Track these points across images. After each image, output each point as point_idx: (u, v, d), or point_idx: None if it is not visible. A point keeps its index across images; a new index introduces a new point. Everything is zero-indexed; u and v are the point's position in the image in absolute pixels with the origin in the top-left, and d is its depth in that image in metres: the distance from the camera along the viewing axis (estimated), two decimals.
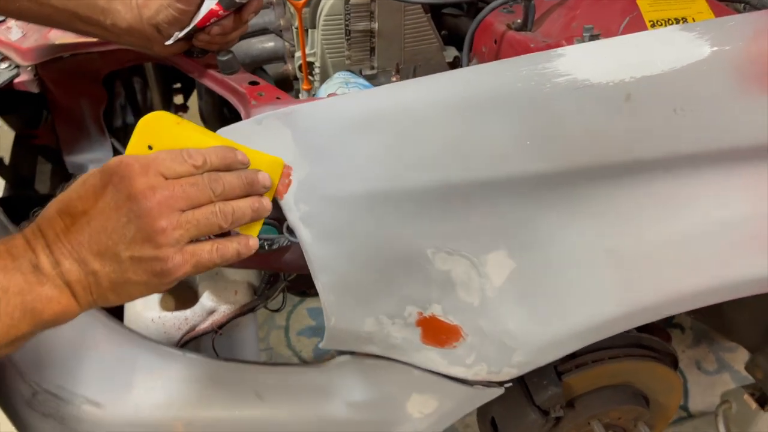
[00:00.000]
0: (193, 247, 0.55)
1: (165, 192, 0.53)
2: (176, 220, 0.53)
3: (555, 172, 0.63)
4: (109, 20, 0.75)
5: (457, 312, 0.66)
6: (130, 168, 0.53)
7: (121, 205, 0.52)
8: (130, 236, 0.52)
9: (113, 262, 0.52)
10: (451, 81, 0.65)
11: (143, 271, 0.53)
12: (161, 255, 0.52)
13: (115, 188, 0.52)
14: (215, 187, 0.56)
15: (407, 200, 0.63)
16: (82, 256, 0.52)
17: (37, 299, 0.51)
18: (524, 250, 0.65)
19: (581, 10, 0.84)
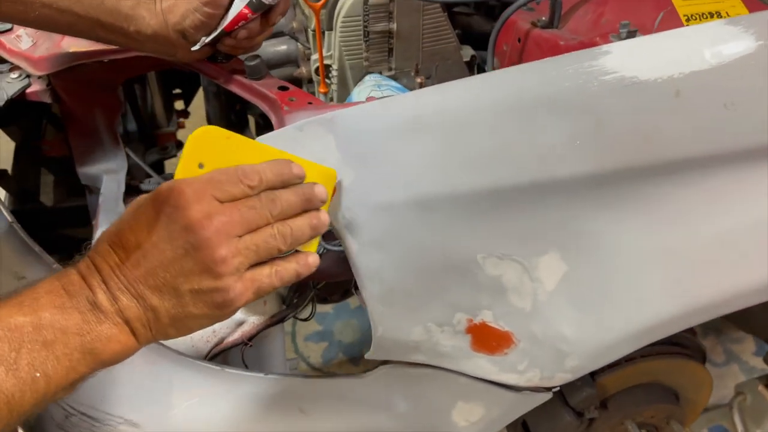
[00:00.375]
0: (252, 273, 0.52)
1: (222, 218, 0.50)
2: (235, 247, 0.50)
3: (606, 171, 0.62)
4: (133, 27, 0.73)
5: (509, 318, 0.65)
6: (183, 196, 0.50)
7: (176, 236, 0.49)
8: (188, 269, 0.49)
9: (172, 296, 0.50)
10: (496, 82, 0.63)
11: (204, 303, 0.51)
12: (222, 286, 0.50)
13: (169, 219, 0.50)
14: (273, 208, 0.53)
15: (456, 205, 0.62)
16: (140, 292, 0.50)
17: (97, 339, 0.49)
18: (576, 252, 0.63)
19: (610, 5, 0.83)
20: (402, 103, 0.64)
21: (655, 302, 0.64)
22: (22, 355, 0.46)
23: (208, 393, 0.71)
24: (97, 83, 0.94)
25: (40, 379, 0.46)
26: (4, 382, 0.45)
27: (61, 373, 0.48)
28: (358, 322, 1.97)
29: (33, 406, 0.47)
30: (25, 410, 0.47)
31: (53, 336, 0.47)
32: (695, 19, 0.75)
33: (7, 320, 0.47)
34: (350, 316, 1.98)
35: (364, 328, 1.94)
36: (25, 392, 0.46)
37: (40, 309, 0.48)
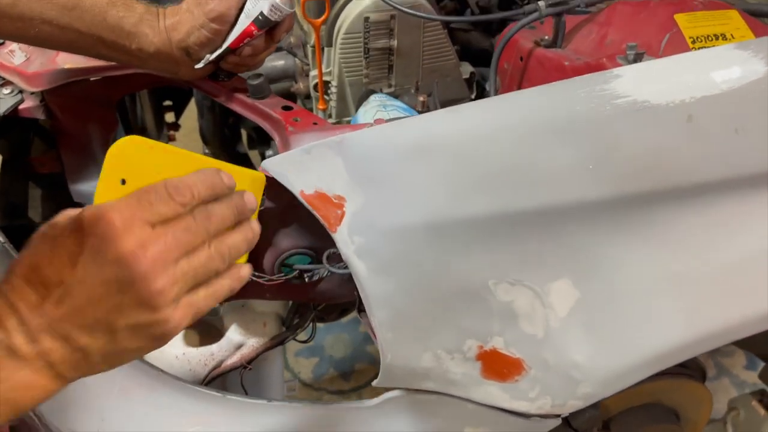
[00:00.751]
0: (189, 298, 0.48)
1: (157, 247, 0.45)
2: (172, 275, 0.46)
3: (618, 196, 0.61)
4: (135, 44, 0.71)
5: (520, 344, 0.64)
6: (111, 226, 0.44)
7: (107, 271, 0.44)
8: (123, 304, 0.45)
9: (105, 333, 0.45)
10: (508, 105, 0.62)
11: (141, 337, 0.46)
12: (161, 318, 0.46)
13: (97, 252, 0.44)
14: (208, 226, 0.49)
15: (468, 230, 0.61)
16: (66, 332, 0.45)
17: (14, 388, 0.44)
18: (588, 278, 0.62)
19: (614, 26, 0.83)
20: (412, 126, 0.63)
21: (668, 329, 0.63)
22: None
23: (209, 421, 0.69)
24: (93, 99, 0.92)
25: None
26: None
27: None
28: (348, 336, 1.95)
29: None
30: None
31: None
32: (701, 41, 0.76)
33: None
34: (341, 330, 1.96)
35: (355, 343, 1.92)
36: None
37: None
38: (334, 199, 0.62)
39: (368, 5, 0.94)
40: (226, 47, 0.71)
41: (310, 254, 0.78)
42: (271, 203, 0.73)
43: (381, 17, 0.95)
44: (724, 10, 0.79)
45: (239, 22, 0.70)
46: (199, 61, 0.72)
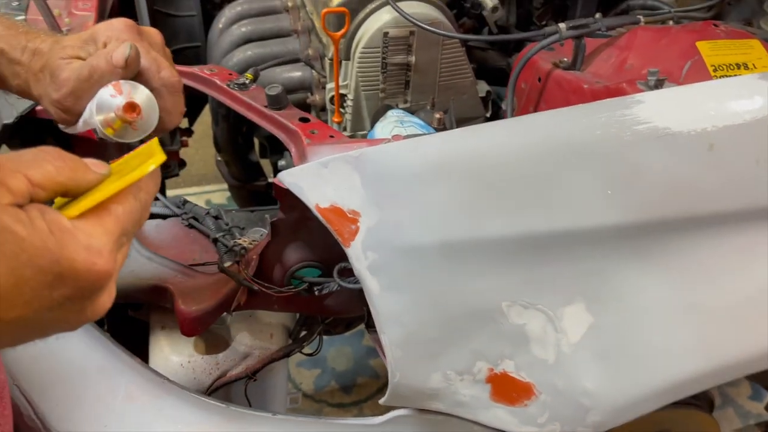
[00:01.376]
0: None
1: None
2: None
3: (635, 223, 0.61)
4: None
5: (531, 368, 0.63)
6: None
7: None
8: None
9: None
10: (527, 127, 0.62)
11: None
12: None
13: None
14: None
15: (483, 251, 0.60)
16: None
17: None
18: (603, 304, 0.62)
19: (635, 51, 0.82)
20: (431, 144, 0.62)
21: (682, 359, 0.62)
22: None
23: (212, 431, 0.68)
24: None
25: None
26: None
27: None
28: (351, 349, 1.94)
29: None
30: None
31: None
32: (722, 69, 0.75)
33: None
34: (343, 343, 1.95)
35: (357, 357, 1.91)
36: None
37: None
38: (349, 213, 0.62)
39: (388, 21, 0.94)
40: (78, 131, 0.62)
41: (320, 267, 0.78)
42: (283, 215, 0.73)
43: (400, 33, 0.95)
44: (747, 39, 0.79)
45: (81, 120, 0.59)
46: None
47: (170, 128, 0.59)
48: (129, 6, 1.23)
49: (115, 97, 0.52)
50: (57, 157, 0.41)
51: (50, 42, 0.58)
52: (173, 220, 0.94)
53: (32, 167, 0.40)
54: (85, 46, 0.56)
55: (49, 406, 0.69)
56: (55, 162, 0.41)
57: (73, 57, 0.56)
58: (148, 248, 0.86)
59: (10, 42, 0.59)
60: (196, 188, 2.38)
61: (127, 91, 0.52)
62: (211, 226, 0.91)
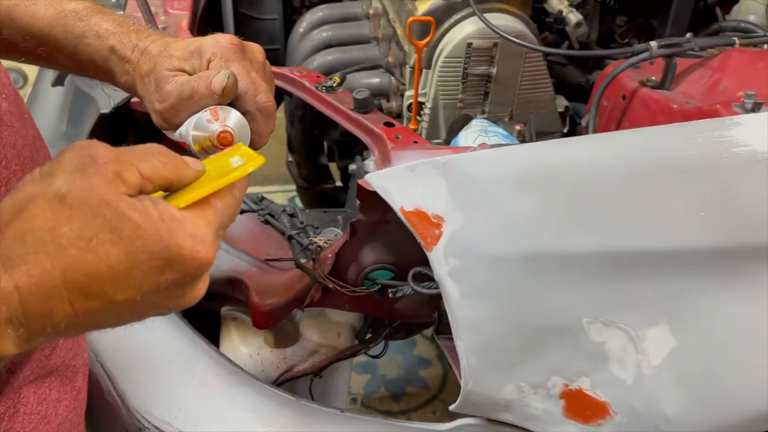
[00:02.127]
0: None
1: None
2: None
3: (729, 248, 0.59)
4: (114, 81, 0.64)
5: (607, 388, 0.62)
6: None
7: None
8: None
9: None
10: (620, 143, 0.61)
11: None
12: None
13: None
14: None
15: (567, 265, 0.60)
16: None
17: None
18: (688, 328, 0.60)
19: (729, 72, 0.80)
20: (520, 154, 0.63)
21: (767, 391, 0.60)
22: None
23: (283, 423, 0.69)
24: None
25: None
26: None
27: None
28: (402, 357, 1.94)
29: None
30: None
31: None
32: None
33: None
34: (395, 351, 1.95)
35: (408, 366, 1.91)
36: None
37: None
38: (433, 218, 0.62)
39: (473, 31, 0.95)
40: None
41: (394, 270, 0.78)
42: (363, 216, 0.74)
43: (484, 44, 0.95)
44: None
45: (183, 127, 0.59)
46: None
47: (258, 148, 0.61)
48: (216, 7, 1.28)
49: (212, 123, 0.55)
50: (163, 153, 0.44)
51: (159, 45, 0.61)
52: (250, 216, 0.97)
53: (143, 161, 0.42)
54: (190, 59, 0.59)
55: (128, 384, 0.72)
56: (161, 158, 0.43)
57: (178, 70, 0.59)
58: (226, 241, 0.89)
59: (121, 39, 0.62)
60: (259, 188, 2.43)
61: (222, 118, 0.55)
62: (287, 223, 0.93)
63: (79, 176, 0.39)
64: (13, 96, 0.54)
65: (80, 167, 0.40)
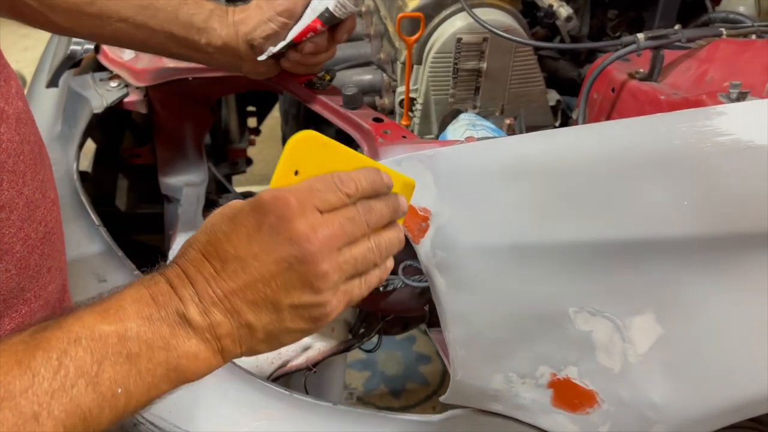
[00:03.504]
0: (345, 286, 0.50)
1: (326, 232, 0.47)
2: (336, 261, 0.48)
3: (713, 236, 0.60)
4: (205, 39, 0.75)
5: (595, 376, 0.62)
6: (288, 206, 0.47)
7: (280, 249, 0.46)
8: (291, 283, 0.47)
9: (271, 311, 0.47)
10: (605, 134, 0.62)
11: (302, 318, 0.48)
12: (321, 300, 0.48)
13: (273, 230, 0.47)
14: (369, 219, 0.50)
15: (553, 255, 0.60)
16: (236, 307, 0.47)
17: (183, 355, 0.46)
18: (673, 316, 0.61)
19: (716, 63, 0.81)
20: (505, 146, 0.63)
21: (754, 377, 0.61)
22: (104, 369, 0.42)
23: (275, 417, 0.70)
24: (192, 98, 0.96)
25: (121, 395, 0.43)
26: (83, 397, 0.41)
27: (142, 390, 0.44)
28: (402, 354, 1.94)
29: (110, 423, 0.43)
30: (102, 428, 0.43)
31: (138, 349, 0.44)
32: None
33: (91, 329, 0.43)
34: (395, 347, 1.95)
35: (407, 361, 1.92)
36: (103, 408, 0.42)
37: (127, 319, 0.44)
38: (420, 211, 0.63)
39: (462, 27, 0.95)
40: (290, 40, 0.74)
41: None
42: None
43: (474, 39, 0.96)
44: None
45: (305, 16, 0.73)
46: (261, 53, 0.75)
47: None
48: None
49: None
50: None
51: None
52: None
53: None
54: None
55: None
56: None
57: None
58: None
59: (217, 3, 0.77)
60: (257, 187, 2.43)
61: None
62: None
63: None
64: (24, 97, 0.57)
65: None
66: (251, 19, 0.75)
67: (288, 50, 0.77)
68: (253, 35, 0.75)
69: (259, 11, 0.74)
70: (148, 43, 0.77)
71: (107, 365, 0.42)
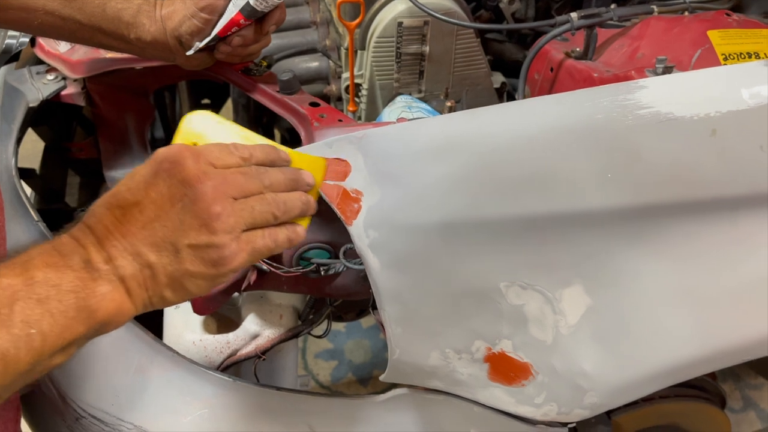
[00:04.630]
0: (247, 234, 0.53)
1: (218, 178, 0.51)
2: (231, 206, 0.51)
3: (636, 207, 0.61)
4: (134, 34, 0.75)
5: (528, 349, 0.64)
6: (182, 154, 0.51)
7: (174, 191, 0.50)
8: (186, 223, 0.50)
9: (169, 252, 0.50)
10: (529, 110, 0.63)
11: (201, 260, 0.50)
12: (217, 242, 0.50)
13: (167, 174, 0.51)
14: (263, 179, 0.55)
15: (483, 231, 0.61)
16: (137, 249, 0.50)
17: (91, 296, 0.48)
18: (601, 286, 0.62)
19: (646, 40, 0.82)
20: (433, 126, 0.64)
21: (680, 343, 0.62)
22: (15, 312, 0.45)
23: (219, 404, 0.70)
24: (131, 89, 0.95)
25: (36, 335, 0.45)
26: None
27: (56, 331, 0.46)
28: (369, 342, 1.95)
29: (29, 365, 0.45)
30: (22, 369, 0.45)
31: (47, 292, 0.46)
32: (733, 58, 0.75)
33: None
34: (362, 335, 1.96)
35: (375, 350, 1.92)
36: (20, 349, 0.44)
37: (32, 269, 0.47)
38: (352, 193, 0.63)
39: (402, 10, 0.96)
40: (214, 35, 0.74)
41: (329, 249, 0.79)
42: None
43: (414, 23, 0.96)
44: (759, 28, 0.78)
45: (227, 11, 0.73)
46: (190, 48, 0.75)
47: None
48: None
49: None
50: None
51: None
52: None
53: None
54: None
55: (63, 374, 0.72)
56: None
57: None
58: None
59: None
60: None
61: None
62: None
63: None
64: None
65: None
66: (176, 15, 0.74)
67: (218, 43, 0.76)
68: (179, 31, 0.75)
69: (183, 6, 0.74)
70: (77, 35, 0.76)
71: (18, 309, 0.45)
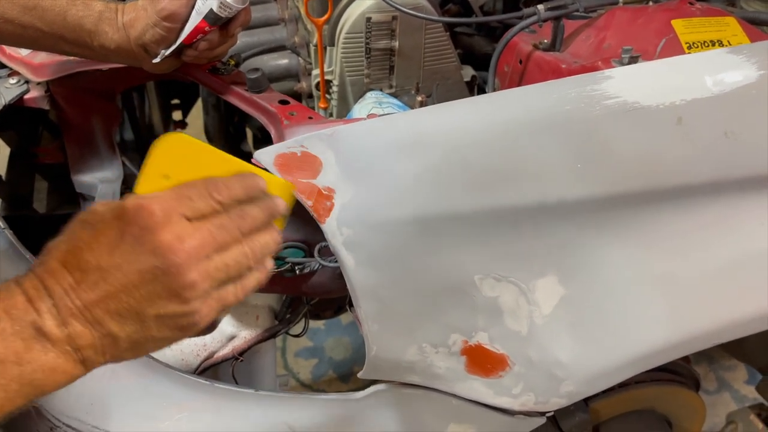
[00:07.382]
0: (218, 293, 0.49)
1: (193, 242, 0.47)
2: (205, 269, 0.47)
3: (605, 196, 0.62)
4: (97, 42, 0.73)
5: (504, 340, 0.64)
6: (153, 216, 0.46)
7: (144, 260, 0.46)
8: (155, 293, 0.46)
9: (135, 322, 0.47)
10: (498, 103, 0.63)
11: (168, 327, 0.48)
12: (188, 310, 0.47)
13: (136, 240, 0.46)
14: (242, 225, 0.50)
15: (455, 225, 0.61)
16: (97, 317, 0.46)
17: (39, 370, 0.45)
18: (574, 276, 0.63)
19: (612, 30, 0.83)
20: (403, 121, 0.64)
21: (653, 329, 0.63)
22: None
23: (197, 408, 0.69)
24: (96, 91, 0.93)
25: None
26: None
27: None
28: (349, 339, 1.95)
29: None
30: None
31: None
32: (697, 47, 0.76)
33: None
34: (342, 333, 1.96)
35: (355, 346, 1.93)
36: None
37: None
38: (324, 191, 0.63)
39: (370, 6, 0.95)
40: (180, 43, 0.73)
41: (303, 248, 0.79)
42: None
43: (383, 18, 0.96)
44: (722, 16, 0.79)
45: (191, 18, 0.71)
46: (156, 56, 0.73)
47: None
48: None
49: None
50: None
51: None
52: None
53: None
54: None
55: None
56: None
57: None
58: None
59: (108, 5, 0.74)
60: None
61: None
62: None
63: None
64: None
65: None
66: (139, 22, 0.72)
67: (184, 48, 0.75)
68: (143, 39, 0.72)
69: (145, 14, 0.72)
70: (39, 43, 0.74)
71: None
